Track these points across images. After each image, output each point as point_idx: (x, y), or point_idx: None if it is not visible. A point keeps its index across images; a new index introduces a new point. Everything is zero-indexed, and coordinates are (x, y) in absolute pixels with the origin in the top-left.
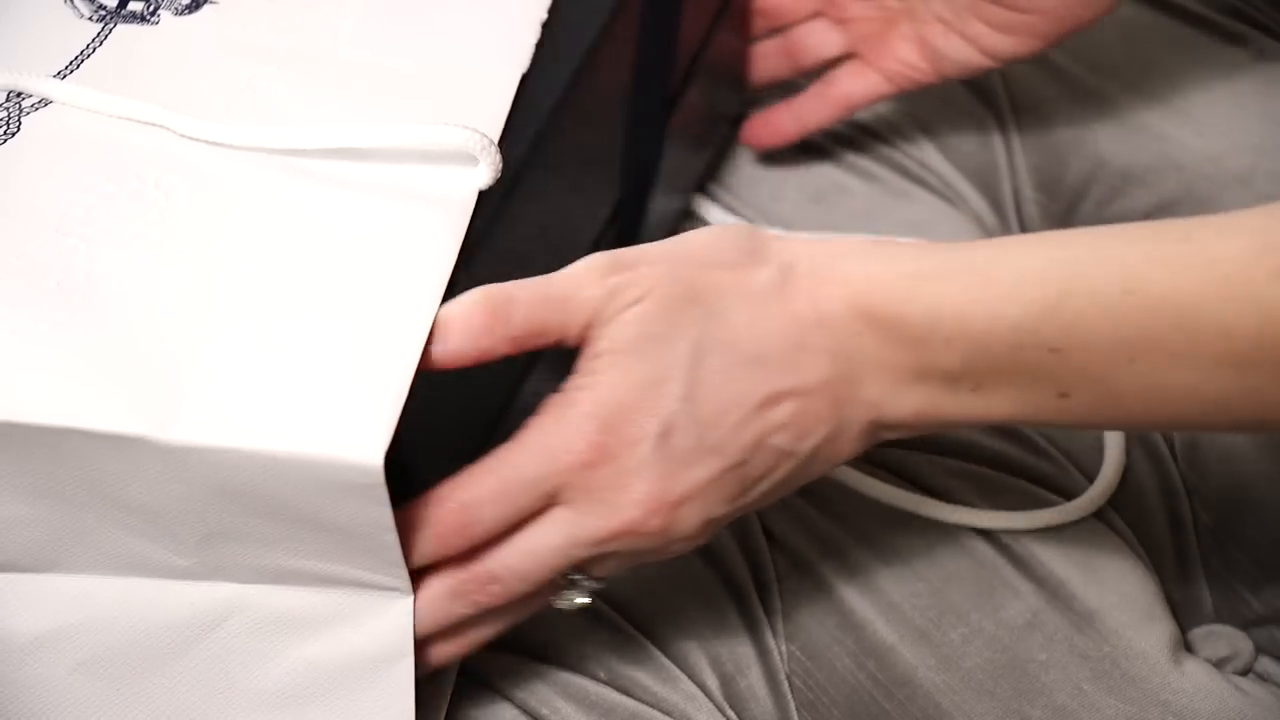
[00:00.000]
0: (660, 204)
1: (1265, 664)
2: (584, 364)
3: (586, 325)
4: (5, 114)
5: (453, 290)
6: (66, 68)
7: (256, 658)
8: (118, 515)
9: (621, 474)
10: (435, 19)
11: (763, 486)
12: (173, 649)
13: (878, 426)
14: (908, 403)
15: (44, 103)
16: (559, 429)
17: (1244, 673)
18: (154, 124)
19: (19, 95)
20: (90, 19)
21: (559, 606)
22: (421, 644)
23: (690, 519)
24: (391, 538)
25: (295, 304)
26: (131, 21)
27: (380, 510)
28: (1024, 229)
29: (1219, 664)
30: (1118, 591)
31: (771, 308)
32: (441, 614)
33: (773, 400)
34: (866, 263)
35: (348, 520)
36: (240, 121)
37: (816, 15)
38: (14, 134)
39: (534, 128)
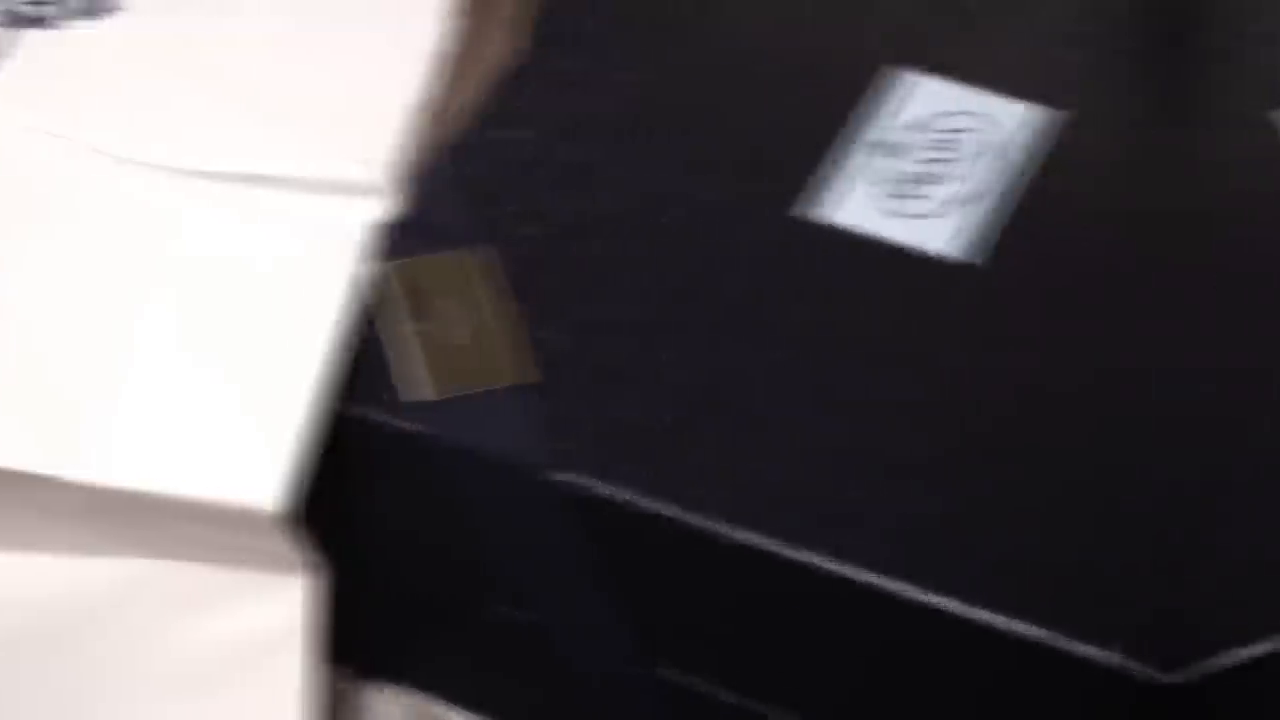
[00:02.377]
0: None
1: None
2: None
3: None
4: None
5: None
6: None
7: (160, 636)
8: (23, 507)
9: None
10: (336, 45)
11: None
12: (78, 627)
13: None
14: None
15: None
16: None
17: None
18: (59, 135)
19: None
20: None
21: None
22: None
23: None
24: (289, 546)
25: (196, 338)
26: (39, 27)
27: (280, 535)
28: None
29: None
30: None
31: None
32: None
33: None
34: None
35: (251, 530)
36: (143, 133)
37: None
38: None
39: None
